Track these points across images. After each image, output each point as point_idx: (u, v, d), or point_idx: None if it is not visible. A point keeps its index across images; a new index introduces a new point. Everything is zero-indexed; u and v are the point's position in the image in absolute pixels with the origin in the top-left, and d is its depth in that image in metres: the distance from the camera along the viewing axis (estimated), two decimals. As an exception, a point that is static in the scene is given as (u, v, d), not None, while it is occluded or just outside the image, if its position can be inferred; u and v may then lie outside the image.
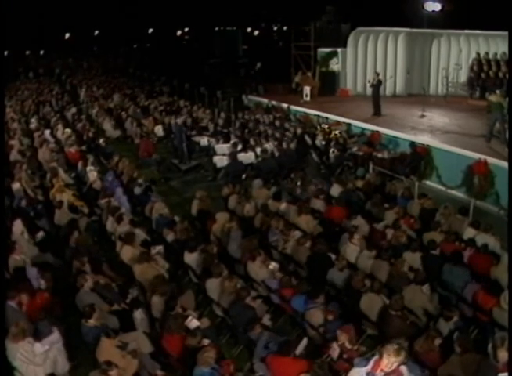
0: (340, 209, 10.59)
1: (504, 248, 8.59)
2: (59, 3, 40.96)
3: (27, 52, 46.44)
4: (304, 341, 6.45)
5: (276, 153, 14.69)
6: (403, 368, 5.46)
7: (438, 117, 17.31)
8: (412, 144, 14.29)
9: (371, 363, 5.44)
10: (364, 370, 5.46)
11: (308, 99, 21.15)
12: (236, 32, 42.92)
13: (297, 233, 9.36)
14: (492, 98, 14.57)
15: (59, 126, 18.34)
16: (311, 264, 8.53)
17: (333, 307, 7.26)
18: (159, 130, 19.04)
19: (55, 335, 6.61)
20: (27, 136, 17.26)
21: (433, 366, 6.05)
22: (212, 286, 7.78)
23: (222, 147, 15.64)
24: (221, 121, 19.35)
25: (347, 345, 6.30)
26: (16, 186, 11.47)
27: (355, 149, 14.90)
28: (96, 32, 53.60)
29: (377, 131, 15.76)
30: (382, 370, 5.34)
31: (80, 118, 20.88)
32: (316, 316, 7.04)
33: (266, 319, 7.14)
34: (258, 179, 12.38)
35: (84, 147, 15.86)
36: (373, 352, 5.71)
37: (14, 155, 14.30)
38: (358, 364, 5.60)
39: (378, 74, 18.82)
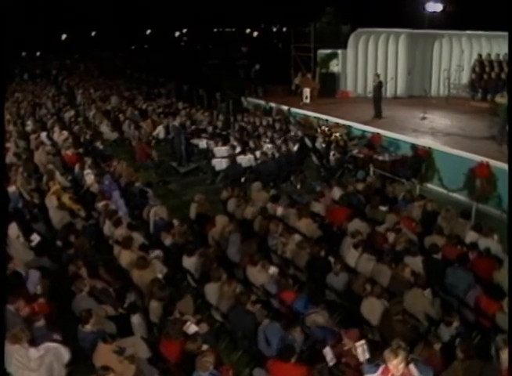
0: (342, 210, 10.52)
1: (506, 252, 8.49)
2: (56, 4, 40.89)
3: (23, 54, 46.31)
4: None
5: (276, 156, 14.59)
6: (413, 369, 5.44)
7: (439, 119, 17.22)
8: (414, 146, 14.23)
9: (380, 369, 5.44)
10: None
11: (308, 101, 21.04)
12: (235, 33, 42.94)
13: (297, 237, 9.26)
14: (502, 100, 14.35)
15: (56, 128, 18.20)
16: (310, 268, 8.44)
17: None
18: (160, 132, 18.82)
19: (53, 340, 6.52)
20: (23, 139, 17.15)
21: (435, 372, 5.94)
22: (211, 290, 7.69)
23: (221, 150, 15.53)
24: (220, 124, 19.24)
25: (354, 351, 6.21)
26: (11, 189, 11.34)
27: (355, 151, 14.82)
28: (93, 33, 53.56)
29: (378, 134, 15.68)
30: (393, 375, 5.35)
31: (77, 120, 20.70)
32: (317, 320, 6.95)
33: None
34: (257, 182, 12.28)
35: (81, 150, 15.72)
36: (379, 358, 5.65)
37: (10, 158, 14.15)
38: (368, 371, 5.58)
39: (379, 76, 18.66)
